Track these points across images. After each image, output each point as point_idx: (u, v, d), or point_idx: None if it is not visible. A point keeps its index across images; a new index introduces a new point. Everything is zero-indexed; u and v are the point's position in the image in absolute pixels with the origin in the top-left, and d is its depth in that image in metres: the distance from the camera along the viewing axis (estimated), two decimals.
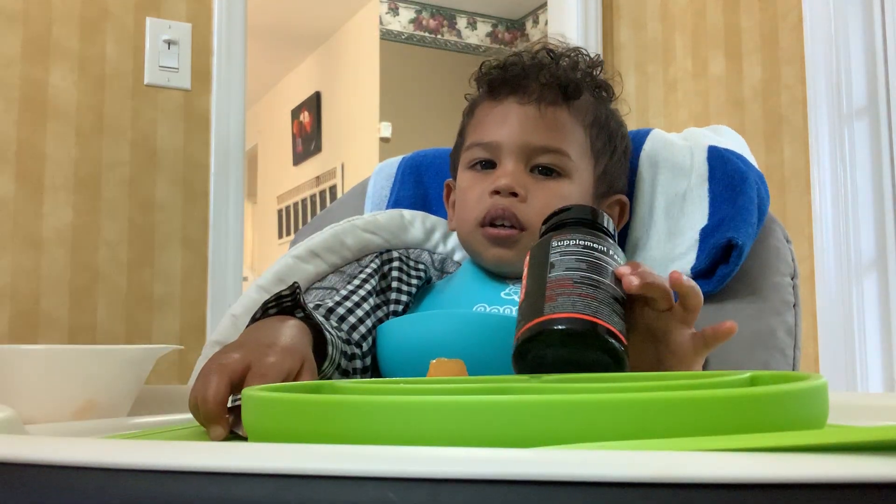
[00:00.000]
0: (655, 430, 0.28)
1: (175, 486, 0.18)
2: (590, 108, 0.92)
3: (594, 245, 0.63)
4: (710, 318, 0.91)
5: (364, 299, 0.88)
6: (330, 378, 0.76)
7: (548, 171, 0.88)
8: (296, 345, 0.65)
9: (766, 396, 0.32)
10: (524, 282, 0.64)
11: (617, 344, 0.58)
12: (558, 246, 0.63)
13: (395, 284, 0.92)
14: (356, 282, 0.90)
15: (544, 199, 0.86)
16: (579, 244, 0.63)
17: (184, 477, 0.18)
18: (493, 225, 0.87)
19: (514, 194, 0.86)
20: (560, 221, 0.67)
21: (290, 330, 0.68)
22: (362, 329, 0.85)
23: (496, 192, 0.86)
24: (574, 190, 0.88)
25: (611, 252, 0.64)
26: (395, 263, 0.93)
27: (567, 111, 0.89)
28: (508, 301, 0.86)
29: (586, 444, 0.26)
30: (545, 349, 0.59)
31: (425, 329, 0.79)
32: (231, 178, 1.93)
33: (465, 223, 0.90)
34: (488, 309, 0.85)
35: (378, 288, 0.91)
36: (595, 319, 0.58)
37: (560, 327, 0.57)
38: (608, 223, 0.67)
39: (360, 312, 0.86)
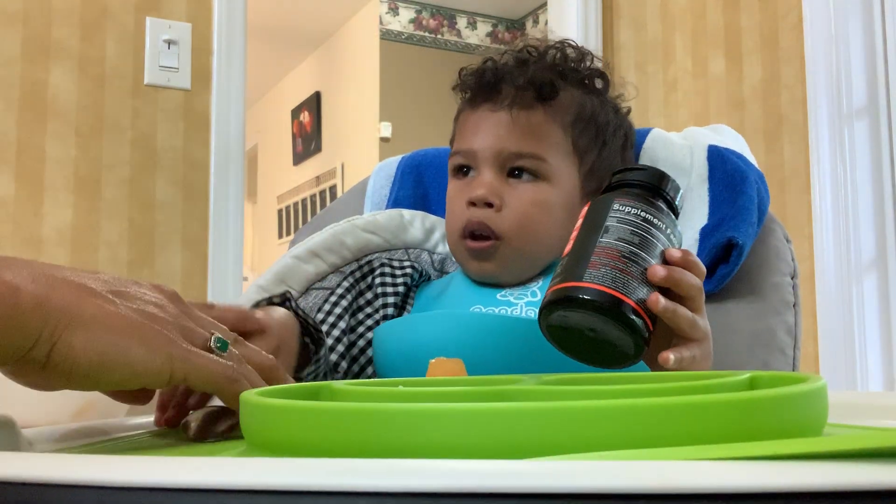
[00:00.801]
0: (655, 437, 0.28)
1: (169, 503, 0.18)
2: (571, 106, 0.90)
3: (653, 220, 0.63)
4: (710, 318, 0.91)
5: (329, 312, 0.90)
6: (321, 370, 0.78)
7: (523, 175, 0.87)
8: (273, 319, 0.69)
9: (766, 400, 0.31)
10: (575, 233, 0.65)
11: (640, 325, 0.60)
12: (618, 210, 0.63)
13: (379, 290, 0.92)
14: (333, 298, 0.92)
15: (520, 206, 0.85)
16: (639, 215, 0.63)
17: (178, 494, 0.18)
18: (472, 237, 0.86)
19: (490, 204, 0.85)
20: (625, 181, 0.67)
21: (273, 311, 0.71)
22: (336, 333, 0.88)
23: (473, 204, 0.86)
24: (554, 193, 0.87)
25: (668, 230, 0.64)
26: (377, 271, 0.94)
27: (542, 113, 0.88)
28: (503, 302, 0.86)
29: (585, 454, 0.26)
30: (568, 314, 0.60)
31: (422, 330, 0.79)
32: (231, 178, 1.92)
33: (450, 234, 0.90)
34: (484, 311, 0.85)
35: (355, 305, 0.92)
36: (625, 298, 0.59)
37: (586, 297, 0.59)
38: (675, 192, 0.67)
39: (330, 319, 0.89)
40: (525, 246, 0.86)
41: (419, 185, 1.12)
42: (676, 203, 0.67)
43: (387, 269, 0.94)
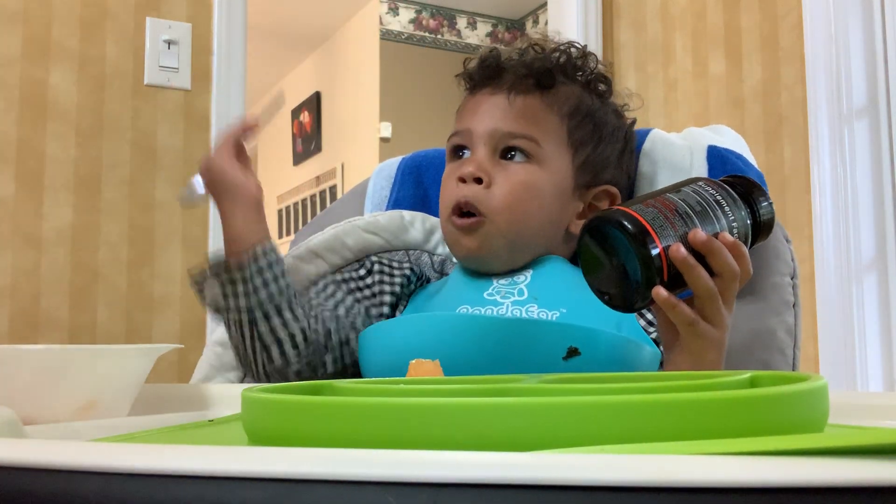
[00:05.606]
0: (655, 432, 0.28)
1: (172, 490, 0.18)
2: (570, 98, 0.91)
3: (724, 205, 0.68)
4: None
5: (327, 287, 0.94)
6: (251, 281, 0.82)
7: (515, 156, 0.88)
8: None
9: (767, 398, 0.31)
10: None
11: (657, 264, 0.63)
12: (700, 185, 0.69)
13: (377, 289, 0.93)
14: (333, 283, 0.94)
15: (508, 185, 0.86)
16: (713, 195, 0.68)
17: (181, 481, 0.18)
18: (460, 215, 0.87)
19: (479, 181, 0.86)
20: (732, 181, 0.72)
21: None
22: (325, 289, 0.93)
23: (462, 181, 0.87)
24: (545, 177, 0.88)
25: (734, 223, 0.68)
26: (375, 267, 0.94)
27: (539, 100, 0.90)
28: (490, 301, 0.86)
29: (586, 447, 0.26)
30: (603, 227, 0.65)
31: (402, 333, 0.79)
32: None
33: (442, 215, 0.91)
34: (471, 310, 0.85)
35: (356, 287, 0.94)
36: (654, 235, 0.63)
37: (622, 220, 0.64)
38: (761, 201, 0.70)
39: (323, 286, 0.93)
40: (510, 226, 0.86)
41: (419, 186, 1.12)
42: (759, 212, 0.70)
43: (385, 269, 0.94)
